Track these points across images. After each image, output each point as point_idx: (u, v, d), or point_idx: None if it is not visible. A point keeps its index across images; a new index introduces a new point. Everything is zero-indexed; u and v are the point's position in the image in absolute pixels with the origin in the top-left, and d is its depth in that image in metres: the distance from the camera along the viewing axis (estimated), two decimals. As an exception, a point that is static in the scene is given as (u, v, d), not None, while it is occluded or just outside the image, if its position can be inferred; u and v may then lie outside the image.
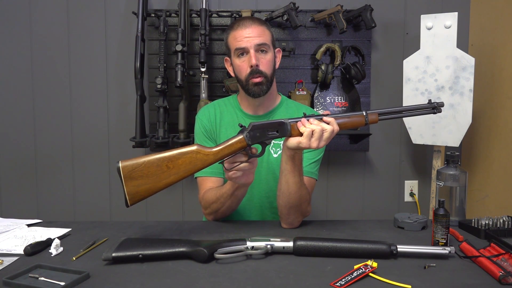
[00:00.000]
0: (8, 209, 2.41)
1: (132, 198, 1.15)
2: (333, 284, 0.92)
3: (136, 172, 1.14)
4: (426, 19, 2.07)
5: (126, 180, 1.14)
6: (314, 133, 1.17)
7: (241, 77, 1.42)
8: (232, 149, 1.20)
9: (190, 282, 0.95)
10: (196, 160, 1.17)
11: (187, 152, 1.17)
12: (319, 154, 1.48)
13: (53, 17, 2.34)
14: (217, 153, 1.19)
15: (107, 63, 2.37)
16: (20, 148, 2.39)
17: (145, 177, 1.14)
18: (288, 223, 1.33)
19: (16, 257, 1.10)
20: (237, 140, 1.20)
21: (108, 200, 2.43)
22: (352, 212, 2.47)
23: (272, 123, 1.21)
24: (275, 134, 1.21)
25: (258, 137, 1.20)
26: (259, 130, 1.20)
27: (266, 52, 1.42)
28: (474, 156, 2.29)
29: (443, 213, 1.12)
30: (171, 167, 1.16)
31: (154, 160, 1.15)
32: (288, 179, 1.28)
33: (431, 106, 1.22)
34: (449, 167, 1.36)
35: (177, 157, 1.16)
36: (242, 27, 1.41)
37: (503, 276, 0.94)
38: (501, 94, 2.09)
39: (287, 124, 1.20)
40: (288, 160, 1.26)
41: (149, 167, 1.15)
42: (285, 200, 1.30)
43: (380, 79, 2.39)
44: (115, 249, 1.05)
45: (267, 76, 1.41)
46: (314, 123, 1.18)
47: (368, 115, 1.21)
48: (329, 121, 1.19)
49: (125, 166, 1.14)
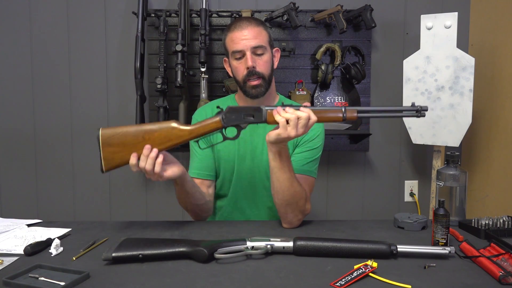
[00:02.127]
0: (8, 209, 2.41)
1: (108, 164, 1.20)
2: (333, 284, 0.92)
3: (114, 139, 1.20)
4: (426, 19, 2.07)
5: (104, 146, 1.20)
6: (289, 121, 1.18)
7: (238, 78, 1.43)
8: (208, 129, 1.24)
9: (190, 282, 0.95)
10: (171, 135, 1.22)
11: (164, 126, 1.22)
12: (317, 154, 1.48)
13: (53, 17, 2.34)
14: (192, 131, 1.24)
15: (107, 63, 2.37)
16: (20, 148, 2.39)
17: (122, 145, 1.20)
18: (287, 222, 1.33)
19: (16, 257, 1.09)
20: (213, 121, 1.24)
21: (108, 200, 2.43)
22: (352, 212, 2.47)
23: (248, 108, 1.25)
24: (251, 119, 1.23)
25: (233, 119, 1.24)
26: (235, 113, 1.24)
27: (263, 53, 1.42)
28: (474, 156, 2.29)
29: (443, 213, 1.12)
30: (147, 139, 1.20)
31: (132, 130, 1.21)
32: (279, 176, 1.28)
33: (414, 109, 1.20)
34: (449, 167, 1.36)
35: (154, 130, 1.21)
36: (238, 29, 1.41)
37: (503, 276, 0.94)
38: (501, 94, 2.09)
39: (263, 110, 1.23)
40: (275, 157, 1.26)
41: (126, 136, 1.20)
42: (280, 197, 1.30)
43: (380, 79, 2.39)
44: (115, 249, 1.05)
45: (265, 77, 1.42)
46: (289, 111, 1.19)
47: (347, 111, 1.21)
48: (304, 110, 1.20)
49: (104, 133, 1.20)
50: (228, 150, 1.49)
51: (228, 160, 1.50)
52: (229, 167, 1.50)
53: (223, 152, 1.50)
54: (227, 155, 1.50)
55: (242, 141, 1.49)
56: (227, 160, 1.50)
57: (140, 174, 2.42)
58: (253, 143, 1.49)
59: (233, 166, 1.50)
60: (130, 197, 2.43)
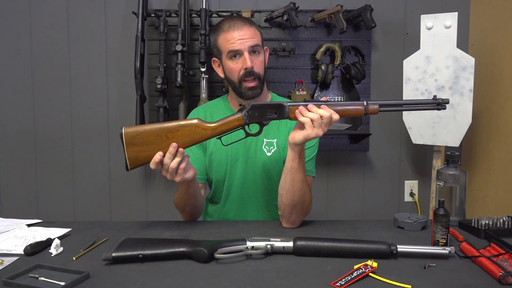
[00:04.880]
0: (8, 209, 2.41)
1: (132, 163, 1.21)
2: (333, 284, 0.92)
3: (137, 139, 1.20)
4: (426, 19, 2.07)
5: (128, 146, 1.20)
6: (314, 121, 1.18)
7: (234, 78, 1.43)
8: (230, 126, 1.24)
9: (190, 282, 0.95)
10: (194, 134, 1.22)
11: (187, 124, 1.22)
12: (313, 152, 1.49)
13: (53, 17, 2.34)
14: (215, 129, 1.23)
15: (107, 63, 2.37)
16: (20, 148, 2.39)
17: (145, 144, 1.20)
18: (290, 222, 1.33)
19: (16, 257, 1.09)
20: (235, 118, 1.24)
21: (108, 200, 2.43)
22: (352, 212, 2.47)
23: (271, 105, 1.24)
24: (274, 115, 1.24)
25: (256, 117, 1.24)
26: (257, 110, 1.24)
27: (259, 53, 1.43)
28: (474, 156, 2.29)
29: (443, 213, 1.12)
30: (170, 138, 1.20)
31: (155, 129, 1.21)
32: (294, 177, 1.28)
33: (436, 102, 1.20)
34: (449, 167, 1.36)
35: (176, 129, 1.21)
36: (234, 29, 1.40)
37: (503, 276, 0.94)
38: (501, 94, 2.09)
39: (285, 107, 1.23)
40: (295, 158, 1.26)
41: (149, 136, 1.20)
42: (290, 198, 1.30)
43: (380, 79, 2.39)
44: (115, 249, 1.05)
45: (261, 78, 1.43)
46: (313, 110, 1.19)
47: (369, 105, 1.21)
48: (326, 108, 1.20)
49: (127, 133, 1.20)
50: (220, 153, 1.49)
51: (220, 163, 1.49)
52: (222, 170, 1.50)
53: (215, 155, 1.49)
54: (219, 158, 1.49)
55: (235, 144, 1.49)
56: (220, 163, 1.49)
57: (140, 174, 2.42)
58: (246, 145, 1.49)
59: (226, 169, 1.49)
60: (130, 197, 2.43)
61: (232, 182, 1.50)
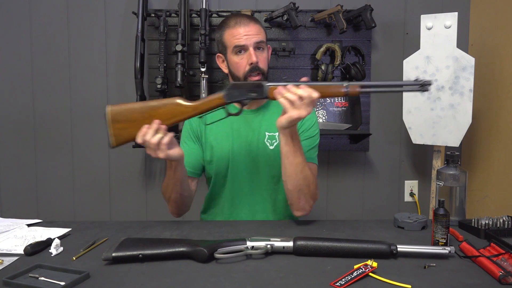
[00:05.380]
0: (8, 209, 2.41)
1: (116, 140, 1.24)
2: (333, 284, 0.92)
3: (121, 116, 1.23)
4: (426, 19, 2.07)
5: (112, 122, 1.23)
6: (293, 102, 1.19)
7: (239, 74, 1.45)
8: (211, 104, 1.26)
9: (190, 282, 0.95)
10: (176, 111, 1.24)
11: (169, 103, 1.25)
12: (315, 141, 1.51)
13: (53, 17, 2.34)
14: (196, 107, 1.25)
15: (107, 63, 2.37)
16: (20, 148, 2.39)
17: (129, 121, 1.23)
18: (300, 208, 1.35)
19: (16, 257, 1.10)
20: (216, 97, 1.26)
21: (108, 200, 2.43)
22: (352, 212, 2.47)
23: (250, 84, 1.28)
24: (253, 94, 1.25)
25: (236, 95, 1.26)
26: (237, 89, 1.26)
27: (263, 49, 1.46)
28: (474, 156, 2.29)
29: (443, 213, 1.12)
30: (153, 115, 1.23)
31: (138, 107, 1.25)
32: (292, 160, 1.30)
33: (418, 83, 1.18)
34: (449, 167, 1.36)
35: (159, 107, 1.24)
36: (240, 25, 1.43)
37: (503, 276, 0.94)
38: (501, 94, 2.09)
39: (264, 86, 1.24)
40: (288, 141, 1.27)
41: (133, 113, 1.23)
42: (293, 183, 1.32)
43: (380, 79, 2.38)
44: (115, 249, 1.05)
45: (265, 73, 1.45)
46: (291, 90, 1.20)
47: (349, 86, 1.21)
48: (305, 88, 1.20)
49: (112, 110, 1.24)
50: (221, 147, 1.50)
51: (221, 157, 1.50)
52: (223, 164, 1.50)
53: (216, 149, 1.50)
54: (220, 152, 1.50)
55: (237, 137, 1.50)
56: (221, 158, 1.50)
57: (140, 174, 2.42)
58: (248, 139, 1.50)
59: (227, 163, 1.50)
60: (130, 197, 2.43)
61: (235, 177, 1.50)
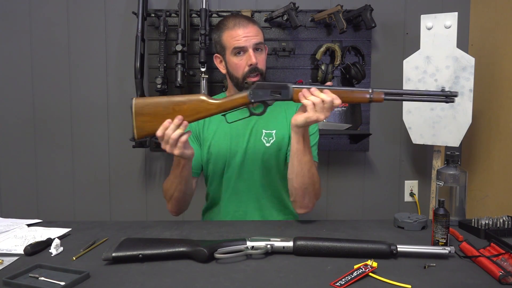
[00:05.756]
0: (8, 209, 2.41)
1: (140, 132, 1.25)
2: (333, 284, 0.92)
3: (146, 109, 1.24)
4: (426, 19, 2.07)
5: (137, 115, 1.24)
6: (315, 105, 1.20)
7: (238, 75, 1.46)
8: (235, 103, 1.27)
9: (190, 282, 0.95)
10: (199, 108, 1.25)
11: (193, 99, 1.26)
12: (315, 138, 1.52)
13: (53, 17, 2.34)
14: (219, 105, 1.26)
15: (107, 63, 2.37)
16: (20, 148, 2.39)
17: (153, 115, 1.24)
18: (303, 206, 1.37)
19: (16, 257, 1.10)
20: (240, 96, 1.27)
21: (108, 200, 2.43)
22: (352, 212, 2.47)
23: (276, 85, 1.27)
24: (278, 96, 1.26)
25: (260, 95, 1.27)
26: (262, 89, 1.27)
27: (262, 50, 1.48)
28: (474, 156, 2.29)
29: (443, 213, 1.12)
30: (177, 110, 1.24)
31: (163, 101, 1.25)
32: (301, 159, 1.31)
33: (444, 94, 1.19)
34: (449, 167, 1.36)
35: (183, 102, 1.25)
36: (239, 26, 1.44)
37: (503, 276, 0.94)
38: (501, 94, 2.09)
39: (289, 88, 1.25)
40: (299, 140, 1.29)
41: (157, 107, 1.24)
42: (300, 181, 1.33)
43: (380, 79, 2.39)
44: (115, 249, 1.05)
45: (263, 74, 1.46)
46: (315, 94, 1.21)
47: (374, 92, 1.21)
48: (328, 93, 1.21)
49: (138, 103, 1.25)
50: (219, 145, 1.50)
51: (219, 155, 1.50)
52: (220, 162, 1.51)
53: (213, 147, 1.51)
54: (217, 150, 1.50)
55: (235, 135, 1.50)
56: (218, 156, 1.50)
57: (140, 174, 2.42)
58: (245, 137, 1.50)
59: (225, 161, 1.50)
60: (130, 197, 2.43)
61: (232, 175, 1.51)
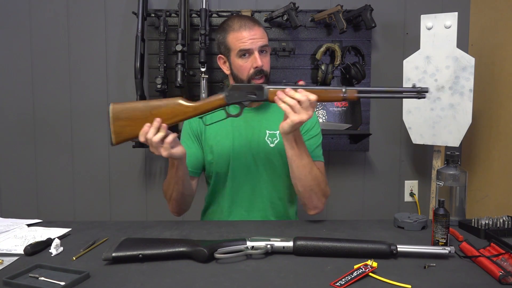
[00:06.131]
0: (8, 209, 2.41)
1: (117, 137, 1.26)
2: (333, 284, 0.92)
3: (123, 113, 1.24)
4: (426, 19, 2.07)
5: (114, 120, 1.24)
6: (293, 107, 1.21)
7: (243, 77, 1.46)
8: (212, 105, 1.28)
9: (190, 282, 0.95)
10: (177, 111, 1.26)
11: (170, 103, 1.26)
12: (319, 140, 1.54)
13: (53, 17, 2.34)
14: (197, 107, 1.27)
15: (107, 63, 2.37)
16: (20, 148, 2.39)
17: (131, 119, 1.24)
18: (313, 207, 1.38)
19: (16, 257, 1.09)
20: (217, 98, 1.28)
21: (108, 200, 2.43)
22: (352, 212, 2.47)
23: (251, 86, 1.30)
24: (253, 97, 1.28)
25: (236, 97, 1.28)
26: (237, 90, 1.28)
27: (267, 52, 1.48)
28: (474, 156, 2.29)
29: (443, 213, 1.12)
30: (154, 114, 1.24)
31: (140, 106, 1.26)
32: (298, 163, 1.32)
33: (415, 90, 1.21)
34: (449, 167, 1.36)
35: (160, 106, 1.25)
36: (245, 28, 1.44)
37: (503, 276, 0.94)
38: (501, 94, 2.09)
39: (264, 89, 1.26)
40: (292, 145, 1.30)
41: (135, 111, 1.25)
42: (302, 184, 1.34)
43: (380, 79, 2.39)
44: (115, 249, 1.05)
45: (268, 76, 1.47)
46: (289, 94, 1.22)
47: (347, 90, 1.23)
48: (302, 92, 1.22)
49: (114, 108, 1.25)
50: (221, 145, 1.51)
51: (221, 155, 1.50)
52: (224, 162, 1.51)
53: (216, 147, 1.51)
54: (220, 150, 1.50)
55: (237, 136, 1.50)
56: (221, 156, 1.50)
57: (140, 174, 2.42)
58: (248, 137, 1.50)
59: (228, 161, 1.50)
60: (130, 197, 2.43)
61: (235, 175, 1.51)
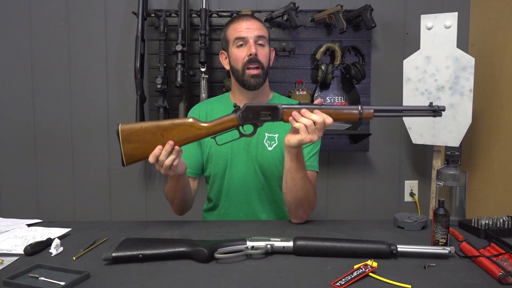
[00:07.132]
0: (8, 209, 2.41)
1: (128, 159, 1.23)
2: (333, 284, 0.92)
3: (133, 136, 1.22)
4: (426, 19, 2.07)
5: (124, 143, 1.22)
6: (307, 127, 1.19)
7: (238, 66, 1.46)
8: (224, 126, 1.25)
9: (190, 282, 0.95)
10: (189, 133, 1.23)
11: (182, 123, 1.24)
12: (315, 148, 1.51)
13: (53, 17, 2.34)
14: (209, 128, 1.25)
15: (107, 63, 2.37)
16: (20, 148, 2.39)
17: (141, 142, 1.22)
18: (298, 217, 1.37)
19: (16, 257, 1.09)
20: (229, 119, 1.25)
21: (108, 200, 2.43)
22: (352, 212, 2.47)
23: (266, 106, 1.25)
24: (268, 118, 1.24)
25: (250, 118, 1.25)
26: (251, 111, 1.25)
27: (264, 46, 1.47)
28: (474, 156, 2.29)
29: (443, 213, 1.12)
30: (165, 136, 1.22)
31: (151, 127, 1.22)
32: (295, 176, 1.31)
33: (432, 109, 1.20)
34: (449, 167, 1.36)
35: (171, 127, 1.23)
36: (242, 20, 1.47)
37: (503, 276, 0.94)
38: (501, 94, 2.09)
39: (280, 109, 1.23)
40: (293, 159, 1.29)
41: (145, 134, 1.22)
42: (293, 196, 1.33)
43: (380, 79, 2.39)
44: (115, 249, 1.05)
45: (264, 68, 1.46)
46: (306, 115, 1.19)
47: (364, 110, 1.21)
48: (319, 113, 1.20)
49: (124, 130, 1.22)
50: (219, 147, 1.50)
51: (219, 157, 1.51)
52: (221, 164, 1.51)
53: (214, 148, 1.51)
54: (218, 151, 1.51)
55: None
56: (219, 157, 1.51)
57: (140, 174, 2.42)
58: (247, 140, 1.50)
59: (226, 163, 1.51)
60: (130, 197, 2.43)
61: (233, 177, 1.51)
